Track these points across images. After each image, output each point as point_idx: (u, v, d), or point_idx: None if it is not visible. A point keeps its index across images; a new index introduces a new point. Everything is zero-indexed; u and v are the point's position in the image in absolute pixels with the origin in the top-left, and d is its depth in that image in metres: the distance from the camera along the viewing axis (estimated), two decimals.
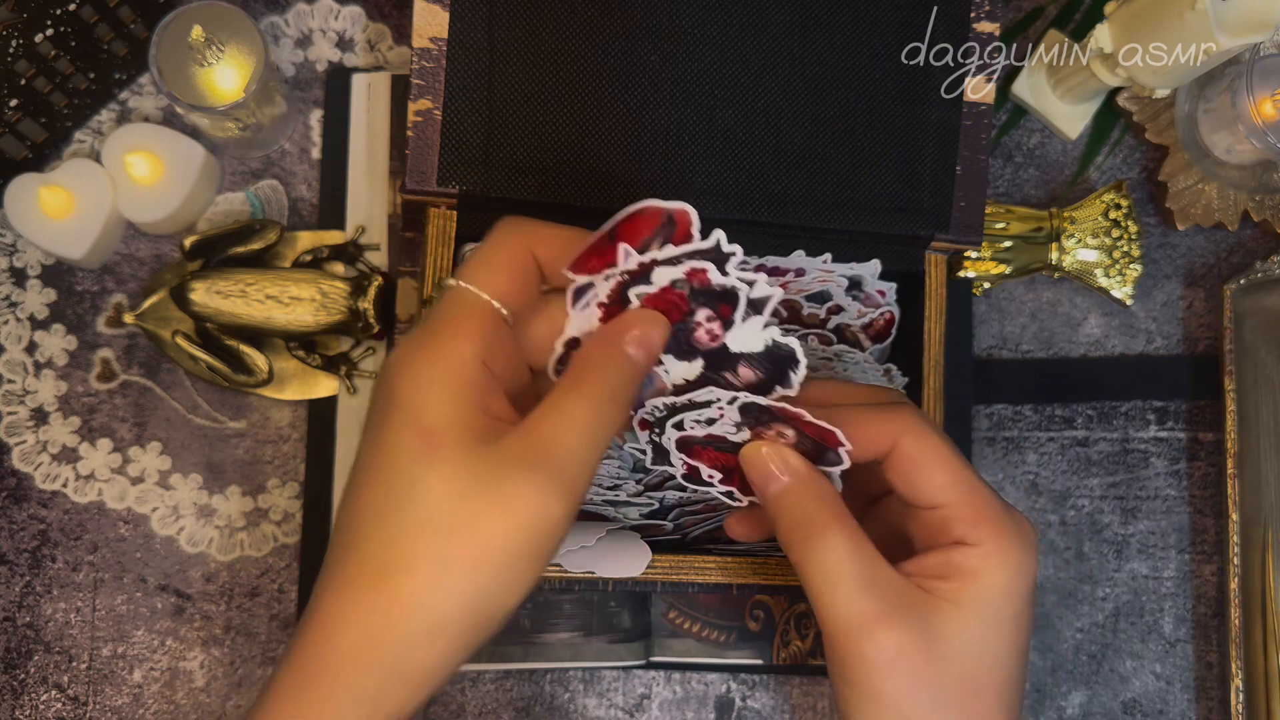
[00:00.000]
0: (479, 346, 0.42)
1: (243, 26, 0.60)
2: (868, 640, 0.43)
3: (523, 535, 0.41)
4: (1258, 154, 0.68)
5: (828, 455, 0.46)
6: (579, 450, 0.42)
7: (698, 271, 0.44)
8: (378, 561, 0.41)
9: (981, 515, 0.44)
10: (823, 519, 0.45)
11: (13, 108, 0.61)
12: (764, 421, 0.46)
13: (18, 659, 0.63)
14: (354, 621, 0.40)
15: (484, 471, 0.40)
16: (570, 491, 0.41)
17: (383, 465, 0.41)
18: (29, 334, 0.65)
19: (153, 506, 0.65)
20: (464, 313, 0.43)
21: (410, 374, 0.42)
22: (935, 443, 0.45)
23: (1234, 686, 0.67)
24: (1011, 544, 0.44)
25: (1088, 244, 0.69)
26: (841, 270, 0.61)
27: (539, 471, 0.41)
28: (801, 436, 0.46)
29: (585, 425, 0.42)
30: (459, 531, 0.40)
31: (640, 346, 0.44)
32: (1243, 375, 0.69)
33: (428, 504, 0.40)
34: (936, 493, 0.45)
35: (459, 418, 0.41)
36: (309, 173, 0.67)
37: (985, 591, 0.44)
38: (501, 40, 0.56)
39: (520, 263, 0.44)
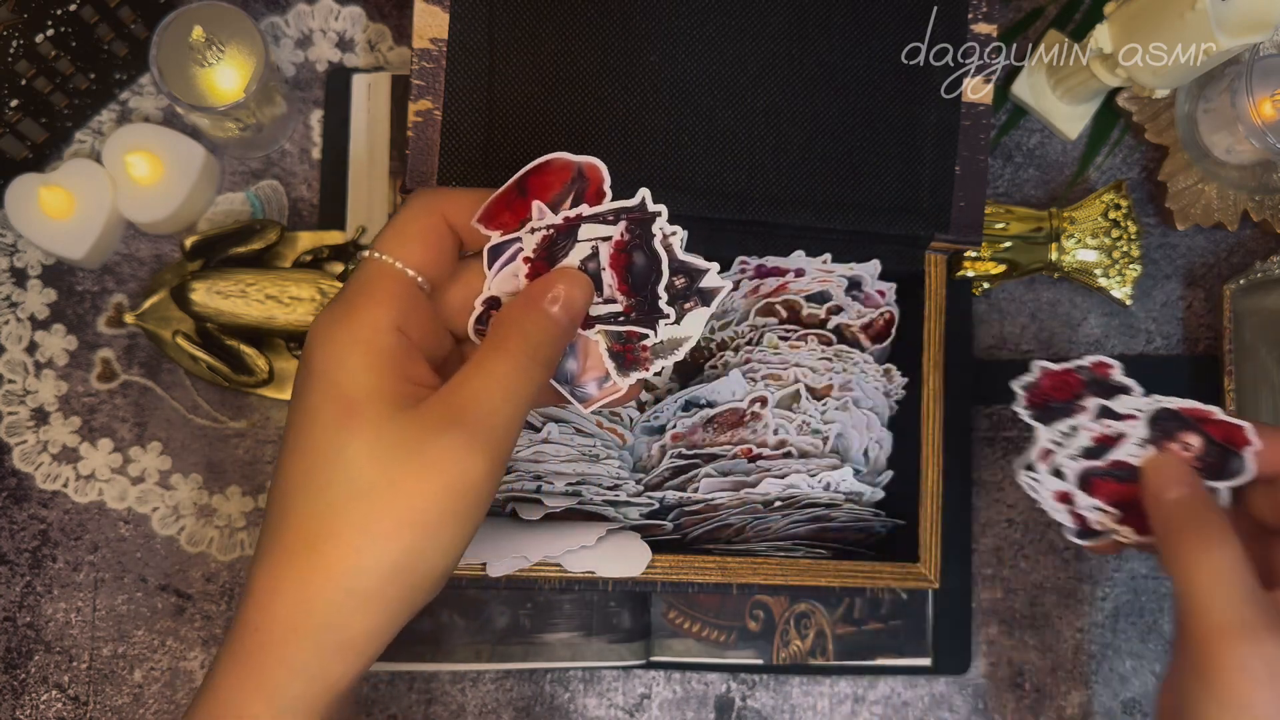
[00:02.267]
0: (393, 314, 0.42)
1: (243, 27, 0.60)
2: (1243, 645, 0.44)
3: (448, 495, 0.41)
4: (1257, 154, 0.68)
5: (1232, 464, 0.48)
6: (501, 408, 0.42)
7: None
8: (306, 531, 0.41)
9: None
10: (1216, 528, 0.46)
11: (13, 108, 0.61)
12: (1171, 432, 0.48)
13: (18, 659, 0.64)
14: (286, 593, 0.40)
15: (405, 435, 0.40)
16: (494, 449, 0.41)
17: (304, 436, 0.42)
18: (29, 334, 0.65)
19: (153, 506, 0.65)
20: (377, 282, 0.43)
21: (326, 344, 0.42)
22: None
23: None
24: None
25: (1087, 244, 0.69)
26: (841, 270, 0.61)
27: (461, 431, 0.41)
28: (1208, 444, 0.48)
29: (507, 383, 0.42)
30: (383, 496, 0.40)
31: (563, 306, 0.44)
32: (1242, 375, 0.69)
33: (350, 471, 0.40)
34: None
35: (377, 384, 0.41)
36: (309, 173, 0.67)
37: None
38: (501, 41, 0.56)
39: (433, 230, 0.44)
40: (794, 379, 0.59)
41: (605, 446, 0.58)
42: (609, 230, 0.44)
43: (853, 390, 0.60)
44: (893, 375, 0.61)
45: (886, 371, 0.61)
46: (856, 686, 0.68)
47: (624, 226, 0.44)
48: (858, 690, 0.68)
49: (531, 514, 0.56)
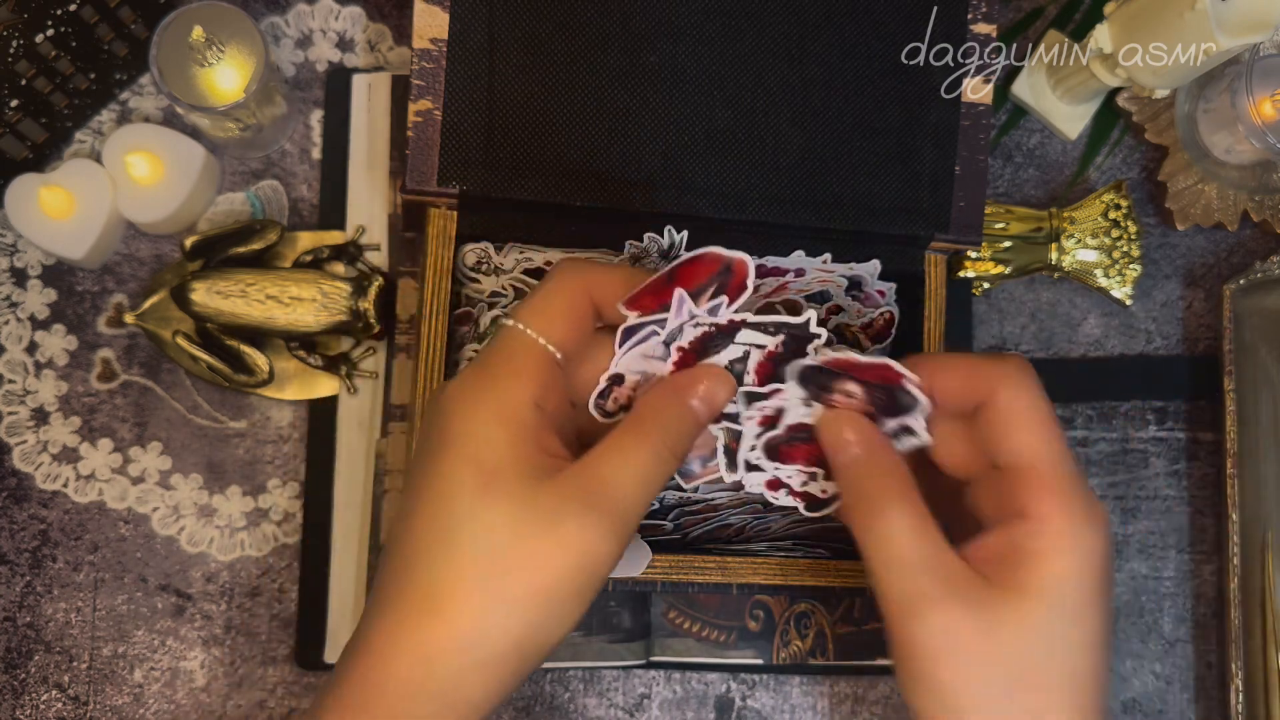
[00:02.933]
0: (534, 390, 0.43)
1: (243, 27, 0.60)
2: (919, 622, 0.42)
3: (575, 572, 0.41)
4: (1257, 154, 0.68)
5: (901, 400, 0.45)
6: (634, 493, 0.43)
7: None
8: (431, 592, 0.41)
9: (1053, 487, 0.42)
10: (887, 495, 0.44)
11: (13, 108, 0.61)
12: (825, 386, 0.46)
13: (18, 659, 0.64)
14: (406, 651, 0.41)
15: (541, 506, 0.41)
16: (622, 532, 0.42)
17: (439, 497, 0.42)
18: (29, 334, 0.65)
19: (153, 506, 0.65)
20: (520, 355, 0.44)
21: (467, 412, 0.43)
22: (1033, 400, 0.44)
23: (1233, 686, 0.67)
24: (1081, 525, 0.42)
25: (1087, 244, 0.69)
26: (841, 270, 0.61)
27: (595, 510, 0.41)
28: (869, 389, 0.45)
29: (643, 470, 0.43)
30: (514, 565, 0.41)
31: (705, 402, 0.45)
32: (1242, 375, 0.69)
33: (484, 537, 0.41)
34: (1017, 451, 0.43)
35: (516, 455, 0.42)
36: (309, 173, 0.67)
37: (1050, 578, 0.42)
38: (501, 41, 0.56)
39: (577, 306, 0.45)
40: None
41: None
42: (765, 339, 0.45)
43: None
44: None
45: None
46: (856, 686, 0.68)
47: (781, 340, 0.45)
48: (858, 690, 0.68)
49: None
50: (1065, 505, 0.42)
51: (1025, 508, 0.43)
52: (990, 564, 0.43)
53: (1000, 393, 0.44)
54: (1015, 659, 0.42)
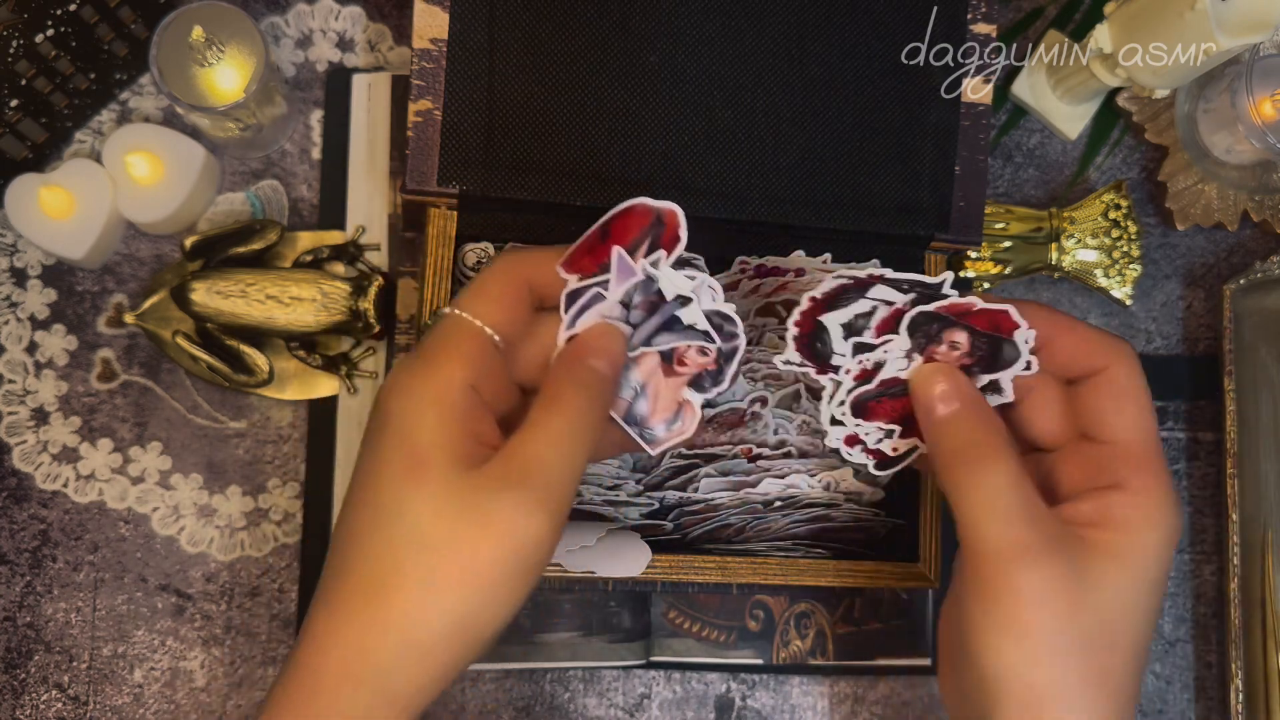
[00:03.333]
0: (469, 372, 0.44)
1: (243, 27, 0.60)
2: (1022, 568, 0.42)
3: (508, 554, 0.41)
4: (1257, 154, 0.68)
5: (1005, 352, 0.45)
6: (558, 465, 0.43)
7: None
8: (368, 579, 0.42)
9: (1151, 465, 0.44)
10: (991, 445, 0.44)
11: (13, 108, 0.61)
12: (934, 336, 0.46)
13: (18, 659, 0.64)
14: (344, 639, 0.41)
15: (469, 493, 0.41)
16: (553, 507, 0.42)
17: (373, 485, 0.43)
18: (29, 334, 0.65)
19: (153, 506, 0.65)
20: (457, 339, 0.44)
21: (402, 396, 0.43)
22: (1142, 381, 0.45)
23: (1233, 686, 0.67)
24: (1167, 503, 0.44)
25: (1087, 244, 0.69)
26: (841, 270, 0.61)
27: (521, 490, 0.42)
28: (975, 338, 0.46)
29: (563, 440, 0.43)
30: (446, 551, 0.41)
31: (604, 358, 0.46)
32: (1242, 375, 0.69)
33: (416, 524, 0.41)
34: (1122, 428, 0.45)
35: (447, 441, 0.42)
36: (309, 173, 0.67)
37: (1138, 548, 0.44)
38: (501, 41, 0.56)
39: (514, 290, 0.46)
40: (794, 379, 0.59)
41: None
42: (896, 296, 0.46)
43: None
44: None
45: None
46: (856, 686, 0.68)
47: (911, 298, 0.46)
48: (858, 690, 0.68)
49: None
50: (1160, 483, 0.44)
51: (1124, 480, 0.44)
52: (1084, 527, 0.44)
53: (1116, 367, 0.45)
54: (1099, 617, 0.43)
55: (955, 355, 0.46)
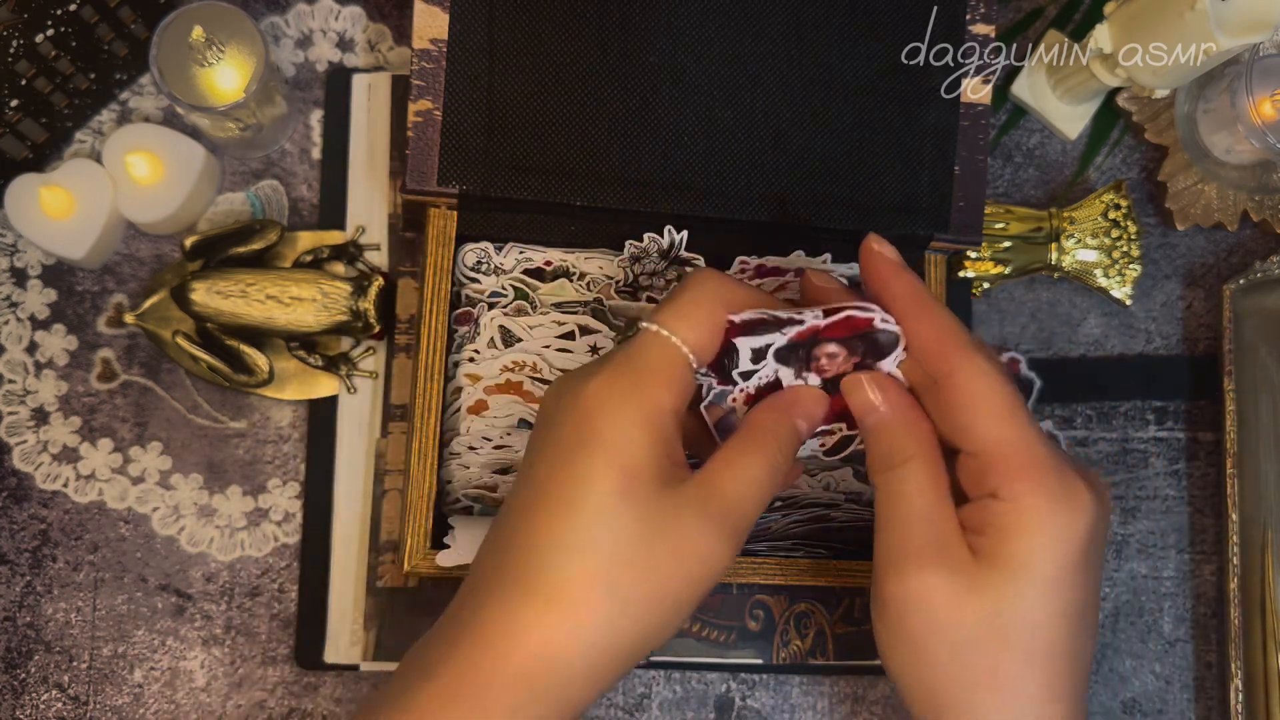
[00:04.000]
0: (675, 397, 0.44)
1: (243, 27, 0.60)
2: (895, 576, 0.44)
3: (695, 579, 0.43)
4: (1257, 154, 0.68)
5: (881, 341, 0.46)
6: (750, 502, 0.44)
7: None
8: (559, 589, 0.41)
9: (1022, 470, 0.44)
10: (906, 452, 0.46)
11: (13, 108, 0.61)
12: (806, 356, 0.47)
13: (18, 659, 0.64)
14: (526, 646, 0.41)
15: (670, 514, 0.42)
16: (737, 541, 0.44)
17: (573, 494, 0.42)
18: (29, 334, 0.65)
19: (153, 506, 0.65)
20: (663, 360, 0.44)
21: (613, 412, 0.43)
22: (992, 384, 0.45)
23: (1233, 686, 0.67)
24: (1055, 504, 0.43)
25: (1087, 244, 0.69)
26: (841, 270, 0.61)
27: (717, 520, 0.43)
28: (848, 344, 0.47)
29: (757, 481, 0.45)
30: (642, 570, 0.42)
31: (807, 420, 0.47)
32: (1242, 375, 0.69)
33: (618, 540, 0.42)
34: (980, 439, 0.45)
35: (655, 461, 0.43)
36: (309, 173, 0.67)
37: (1021, 552, 0.43)
38: (501, 42, 0.56)
39: (714, 318, 0.46)
40: None
41: None
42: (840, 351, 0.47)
43: None
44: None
45: None
46: (856, 686, 0.68)
47: (861, 353, 0.47)
48: (858, 690, 0.68)
49: None
50: (1036, 487, 0.43)
51: (995, 489, 0.44)
52: (970, 534, 0.45)
53: (958, 374, 0.45)
54: (988, 622, 0.43)
55: (839, 364, 0.47)
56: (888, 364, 0.47)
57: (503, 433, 0.57)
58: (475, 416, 0.57)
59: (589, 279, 0.59)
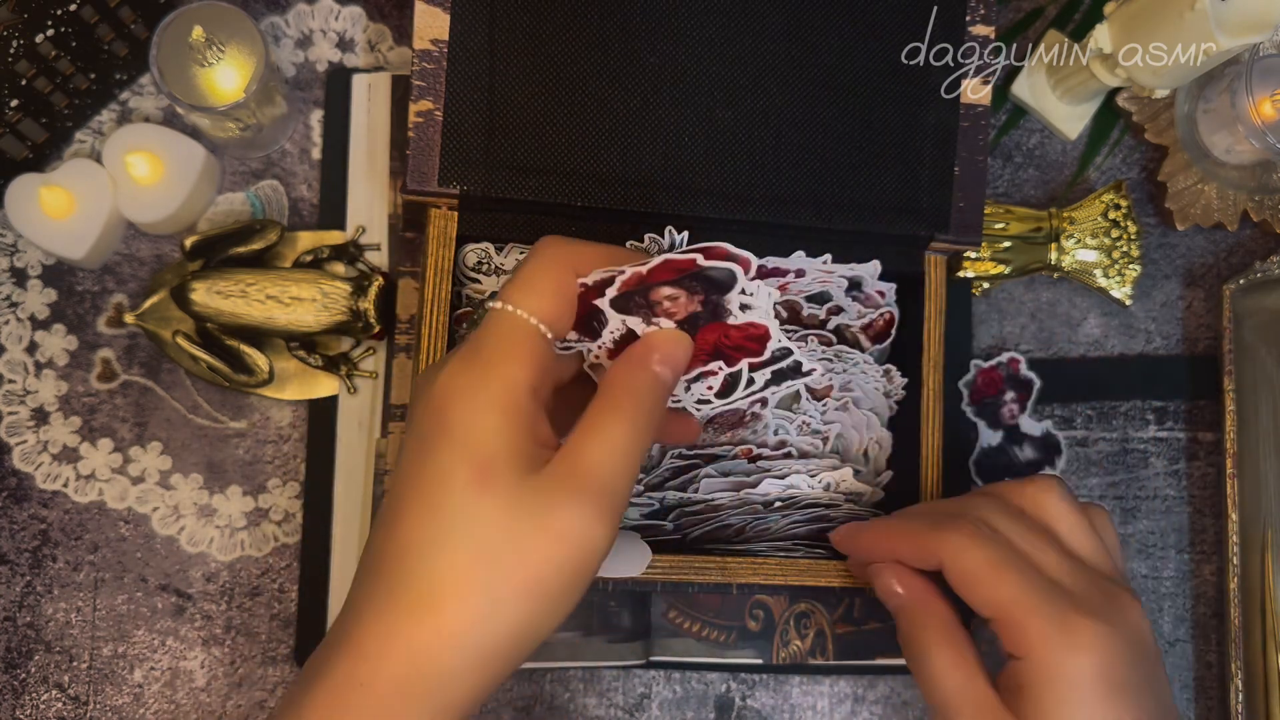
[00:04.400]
0: (530, 373, 0.43)
1: (243, 27, 0.60)
2: None
3: (571, 563, 0.41)
4: (1257, 154, 0.68)
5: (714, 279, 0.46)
6: (619, 471, 0.43)
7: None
8: (426, 590, 0.41)
9: (1025, 629, 0.46)
10: (926, 637, 0.49)
11: (13, 108, 0.61)
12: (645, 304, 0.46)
13: (18, 659, 0.64)
14: (398, 652, 0.41)
15: (533, 500, 0.41)
16: (613, 513, 0.42)
17: (432, 492, 0.42)
18: (29, 334, 0.65)
19: (153, 506, 0.65)
20: (514, 338, 0.43)
21: (463, 400, 0.42)
22: (976, 559, 0.47)
23: (1233, 686, 0.67)
24: (1062, 654, 0.45)
25: (1087, 244, 0.69)
26: (841, 271, 0.61)
27: (584, 497, 0.42)
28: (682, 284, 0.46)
29: (623, 446, 0.43)
30: (510, 561, 0.41)
31: (668, 365, 0.46)
32: (1242, 375, 0.69)
33: (480, 534, 0.41)
34: (983, 607, 0.47)
35: (511, 446, 0.42)
36: (309, 173, 0.67)
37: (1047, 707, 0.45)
38: (502, 42, 0.56)
39: (563, 285, 0.45)
40: None
41: None
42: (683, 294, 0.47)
43: (853, 390, 0.60)
44: (893, 376, 0.61)
45: (886, 372, 0.61)
46: (856, 686, 0.68)
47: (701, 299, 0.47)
48: (858, 690, 0.68)
49: None
50: (1041, 641, 0.46)
51: (1012, 650, 0.47)
52: (1008, 696, 0.47)
53: (945, 559, 0.48)
54: None
55: (683, 304, 0.46)
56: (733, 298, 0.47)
57: None
58: None
59: None
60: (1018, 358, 0.67)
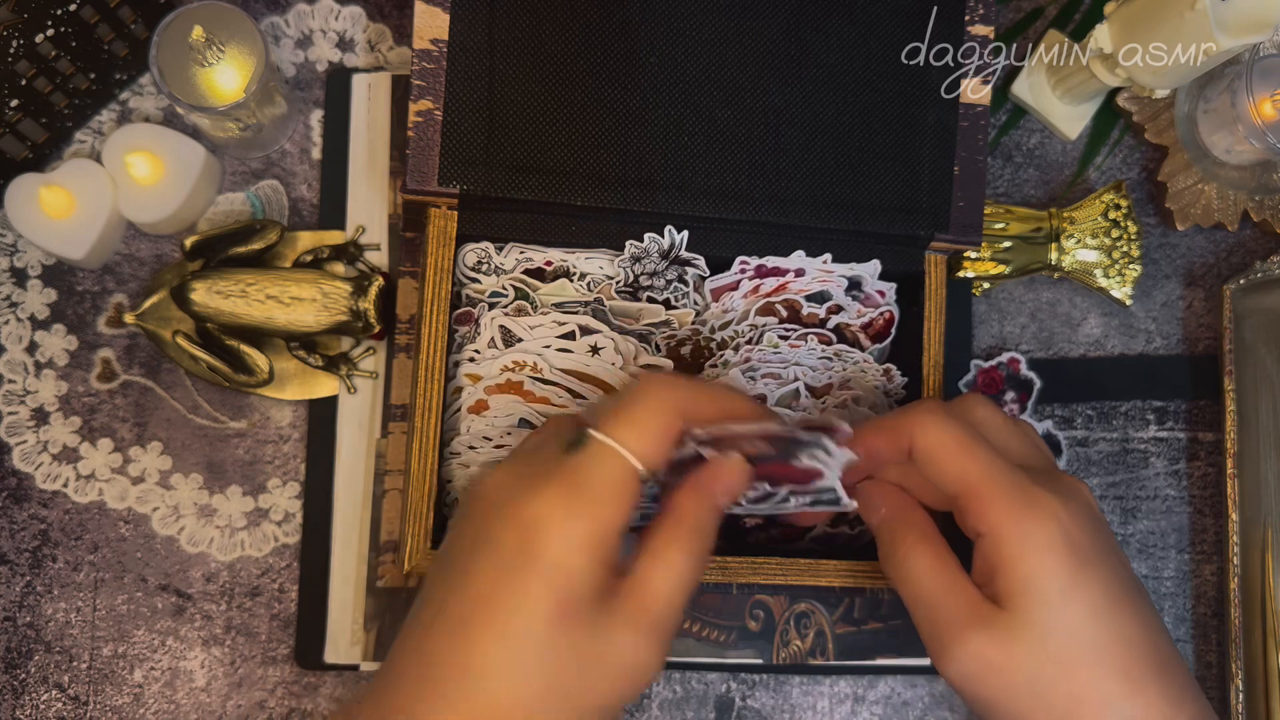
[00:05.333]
0: (625, 515, 0.45)
1: (243, 27, 0.60)
2: (945, 658, 0.47)
3: (631, 693, 0.45)
4: (1257, 154, 0.68)
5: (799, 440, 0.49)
6: (678, 601, 0.46)
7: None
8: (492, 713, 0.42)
9: (988, 501, 0.47)
10: (907, 540, 0.50)
11: (13, 108, 0.61)
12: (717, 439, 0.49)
13: (18, 659, 0.64)
14: None
15: (604, 633, 0.44)
16: (667, 644, 0.45)
17: (511, 618, 0.43)
18: (29, 334, 0.65)
19: (153, 506, 0.65)
20: (618, 483, 0.45)
21: (557, 535, 0.43)
22: (941, 434, 0.48)
23: (1234, 686, 0.67)
24: (1027, 524, 0.46)
25: (1087, 244, 0.69)
26: (841, 270, 0.61)
27: (649, 631, 0.45)
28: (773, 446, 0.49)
29: (685, 577, 0.46)
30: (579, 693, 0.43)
31: (728, 496, 0.49)
32: (1242, 375, 0.69)
33: (556, 667, 0.43)
34: (949, 483, 0.48)
35: (594, 582, 0.44)
36: (309, 173, 0.67)
37: (1021, 580, 0.46)
38: (502, 42, 0.56)
39: (671, 431, 0.47)
40: (793, 378, 0.59)
41: None
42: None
43: (852, 390, 0.60)
44: (892, 375, 0.61)
45: (886, 371, 0.61)
46: (856, 686, 0.68)
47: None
48: (858, 690, 0.68)
49: None
50: (1005, 513, 0.46)
51: (976, 527, 0.47)
52: (985, 585, 0.48)
53: (915, 440, 0.49)
54: (1039, 656, 0.46)
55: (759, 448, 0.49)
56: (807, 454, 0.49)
57: (503, 432, 0.57)
58: (475, 416, 0.57)
59: (589, 279, 0.59)
60: (1018, 358, 0.67)
